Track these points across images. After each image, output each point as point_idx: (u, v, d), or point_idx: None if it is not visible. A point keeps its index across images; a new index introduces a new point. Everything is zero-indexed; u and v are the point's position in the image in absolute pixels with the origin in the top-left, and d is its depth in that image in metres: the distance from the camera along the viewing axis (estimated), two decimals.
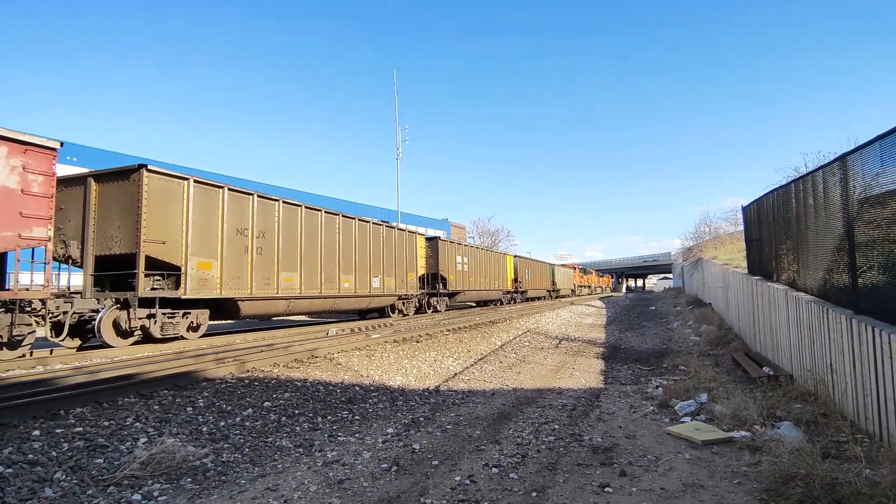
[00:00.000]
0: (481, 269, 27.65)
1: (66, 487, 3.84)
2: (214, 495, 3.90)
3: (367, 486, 4.00)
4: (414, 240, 20.86)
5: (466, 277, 25.51)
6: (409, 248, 20.28)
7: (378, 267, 17.69)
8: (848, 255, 5.30)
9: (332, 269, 15.14)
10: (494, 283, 29.62)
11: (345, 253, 15.84)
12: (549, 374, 10.04)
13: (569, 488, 3.89)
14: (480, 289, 27.24)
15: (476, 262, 26.84)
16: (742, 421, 5.40)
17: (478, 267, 27.14)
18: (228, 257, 11.55)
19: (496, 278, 30.03)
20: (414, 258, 20.52)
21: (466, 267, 25.48)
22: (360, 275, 16.47)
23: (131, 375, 6.54)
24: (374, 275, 17.44)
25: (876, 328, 4.40)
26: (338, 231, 15.58)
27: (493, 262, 30.12)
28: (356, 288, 16.26)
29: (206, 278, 11.00)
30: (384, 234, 18.30)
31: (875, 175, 4.71)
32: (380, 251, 17.97)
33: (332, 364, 8.84)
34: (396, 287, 18.85)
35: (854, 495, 3.24)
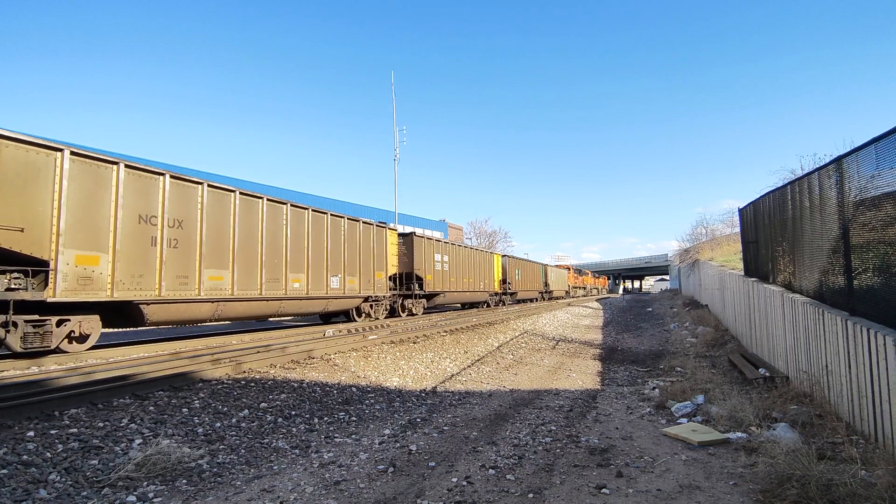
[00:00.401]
0: (464, 269, 25.53)
1: (60, 489, 3.82)
2: (210, 496, 3.88)
3: (364, 487, 3.99)
4: (383, 235, 18.41)
5: (447, 277, 23.25)
6: (378, 245, 17.92)
7: (338, 265, 15.47)
8: (843, 256, 5.32)
9: (276, 266, 12.93)
10: (479, 284, 27.53)
11: (295, 248, 13.66)
12: (547, 376, 10.05)
13: (566, 489, 3.89)
14: (463, 290, 25.23)
15: (458, 260, 24.73)
16: (738, 422, 5.41)
17: (460, 266, 24.97)
18: (125, 250, 9.38)
19: (481, 279, 27.91)
20: (383, 256, 18.25)
21: (447, 266, 23.23)
22: (314, 274, 14.30)
23: (127, 376, 6.50)
24: (333, 273, 15.19)
25: (871, 330, 4.41)
26: (285, 223, 13.34)
27: (478, 261, 27.88)
28: (309, 288, 14.03)
29: (90, 276, 8.86)
30: (346, 228, 16.08)
31: (870, 177, 4.73)
32: (340, 247, 15.68)
33: (328, 365, 8.82)
34: (361, 288, 16.53)
35: (849, 496, 3.25)
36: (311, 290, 14.17)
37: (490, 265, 29.75)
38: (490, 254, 30.44)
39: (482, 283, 28.06)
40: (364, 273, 16.93)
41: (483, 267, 28.50)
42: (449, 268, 23.64)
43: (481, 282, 27.90)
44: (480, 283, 27.76)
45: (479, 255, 28.40)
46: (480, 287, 27.72)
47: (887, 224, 4.37)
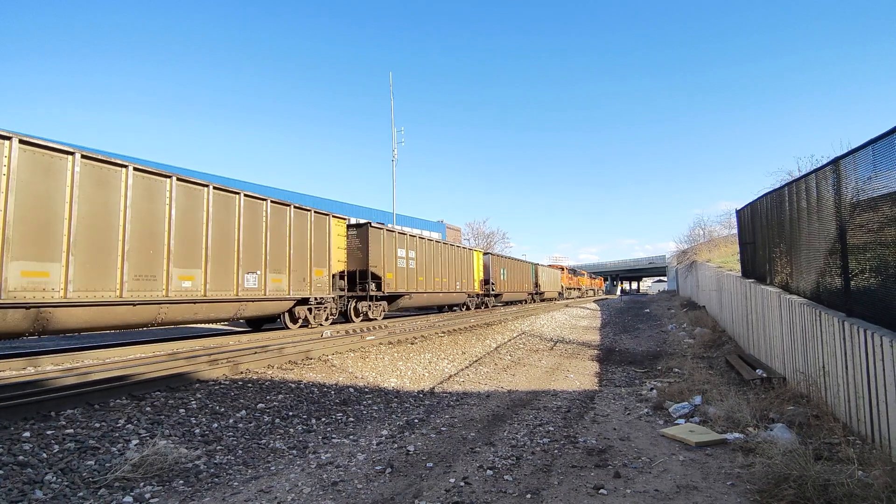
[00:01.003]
0: (436, 267, 22.47)
1: (56, 489, 3.81)
2: (207, 497, 3.87)
3: (361, 487, 3.98)
4: (325, 225, 15.27)
5: (413, 276, 20.20)
6: (318, 236, 14.79)
7: (255, 259, 12.35)
8: (840, 258, 5.34)
9: (151, 259, 9.86)
10: (455, 284, 24.47)
11: (185, 237, 10.60)
12: (544, 376, 10.05)
13: (563, 490, 3.88)
14: (435, 290, 22.24)
15: (428, 257, 21.73)
16: (735, 423, 5.42)
17: (431, 264, 21.96)
18: None
19: (458, 278, 24.90)
20: (325, 249, 15.14)
21: (413, 263, 20.25)
22: (217, 270, 11.21)
23: (123, 377, 6.49)
24: (249, 270, 12.13)
25: (868, 330, 4.43)
26: (168, 203, 10.31)
27: (454, 258, 24.69)
28: (208, 289, 10.89)
29: None
30: (269, 214, 12.87)
31: (867, 179, 4.75)
32: (259, 237, 12.55)
33: (326, 366, 8.81)
34: (292, 288, 13.59)
35: (846, 497, 3.26)
36: (210, 290, 11.02)
37: (469, 263, 26.75)
38: (469, 251, 27.20)
39: (459, 283, 25.07)
40: (297, 270, 13.83)
41: (460, 265, 25.52)
42: (417, 265, 20.61)
43: (458, 282, 24.94)
44: (457, 283, 24.79)
45: (455, 251, 25.12)
46: (457, 287, 24.78)
47: (884, 225, 4.38)
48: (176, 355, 9.04)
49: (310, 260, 14.50)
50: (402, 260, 19.57)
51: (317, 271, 14.85)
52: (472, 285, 26.98)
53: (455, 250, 25.38)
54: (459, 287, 25.21)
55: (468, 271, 26.58)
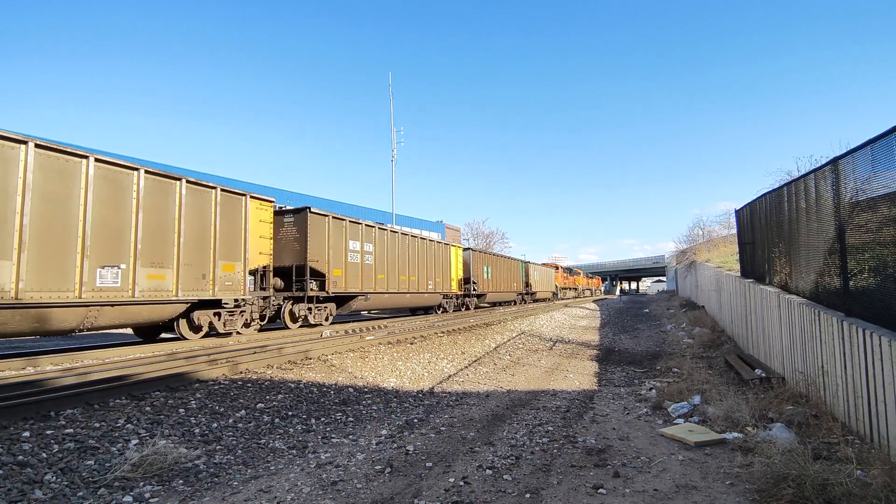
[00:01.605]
0: (402, 264, 19.52)
1: (56, 489, 3.81)
2: (207, 497, 3.87)
3: (361, 487, 3.98)
4: (240, 207, 12.20)
5: (370, 274, 17.22)
6: (227, 221, 11.73)
7: (117, 249, 9.36)
8: (839, 257, 5.34)
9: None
10: (427, 284, 21.45)
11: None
12: (544, 376, 10.06)
13: (563, 490, 3.89)
14: (400, 291, 19.24)
15: (391, 252, 18.76)
16: (734, 422, 5.43)
17: (395, 260, 19.02)
18: None
19: (431, 277, 21.99)
20: (239, 238, 12.10)
21: (371, 258, 17.32)
22: (43, 261, 8.20)
23: (123, 377, 6.49)
24: (106, 262, 9.14)
25: (867, 330, 4.44)
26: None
27: (427, 254, 21.73)
28: (22, 288, 7.88)
29: None
30: (142, 189, 9.87)
31: (866, 179, 4.76)
32: (122, 219, 9.50)
33: (325, 366, 8.81)
34: (182, 287, 10.44)
35: (845, 496, 3.26)
36: (30, 289, 7.98)
37: (445, 260, 23.78)
38: (445, 246, 24.25)
39: (432, 282, 22.04)
40: (192, 264, 10.79)
41: (434, 262, 22.49)
42: (375, 261, 17.57)
43: (430, 281, 21.84)
44: (428, 282, 21.65)
45: (426, 246, 21.88)
46: (428, 288, 21.65)
47: (883, 225, 4.39)
48: (175, 355, 9.04)
49: (214, 251, 11.34)
50: (356, 254, 16.51)
51: (226, 266, 11.67)
52: (449, 285, 24.09)
53: (427, 245, 22.09)
54: (433, 287, 22.13)
55: (444, 269, 23.58)
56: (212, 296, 11.29)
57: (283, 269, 14.39)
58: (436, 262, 22.70)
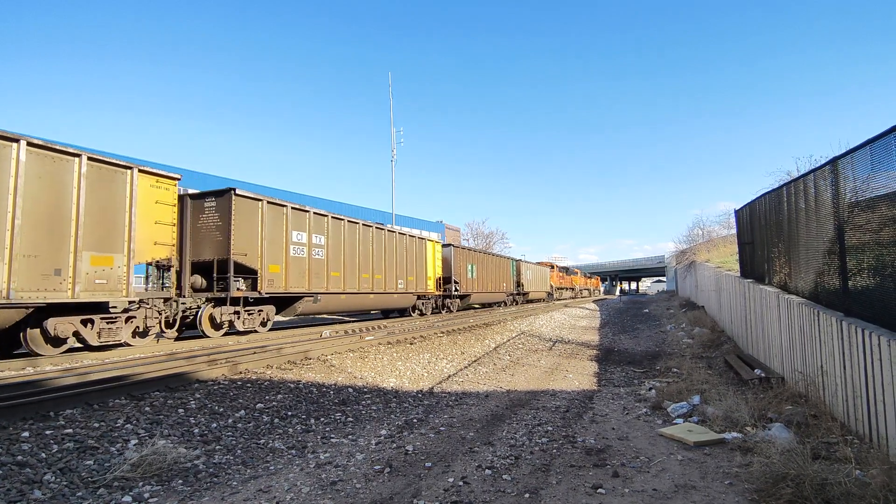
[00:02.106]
0: (364, 260, 16.75)
1: (55, 489, 3.81)
2: (206, 497, 3.87)
3: (360, 487, 3.98)
4: (122, 183, 9.75)
5: (321, 272, 14.58)
6: (98, 199, 9.30)
7: None
8: (839, 257, 5.35)
9: None
10: (396, 284, 18.88)
11: None
12: (543, 376, 10.06)
13: (562, 489, 3.89)
14: (361, 291, 16.42)
15: (349, 246, 15.98)
16: (734, 422, 5.43)
17: (354, 255, 16.24)
18: None
19: (402, 276, 19.42)
20: (120, 222, 9.66)
21: (322, 253, 14.73)
22: None
23: (122, 377, 6.49)
24: None
25: (866, 330, 4.44)
26: None
27: (397, 249, 19.08)
28: None
29: None
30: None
31: (865, 179, 4.76)
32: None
33: (325, 366, 8.81)
34: (17, 286, 7.96)
35: (844, 496, 3.26)
36: None
37: (420, 257, 21.15)
38: (420, 240, 21.54)
39: (403, 281, 19.48)
40: (39, 255, 8.35)
41: (406, 259, 19.88)
42: (328, 256, 14.98)
43: (400, 280, 19.34)
44: (398, 281, 19.14)
45: (395, 239, 19.16)
46: (399, 287, 19.08)
47: (882, 225, 4.39)
48: (175, 355, 9.04)
49: (75, 239, 8.82)
50: (301, 247, 13.92)
51: (97, 259, 9.17)
52: (425, 284, 21.46)
53: (397, 239, 19.35)
54: (403, 287, 19.50)
55: (419, 267, 21.02)
56: (71, 297, 8.68)
57: (204, 265, 11.99)
58: (408, 259, 20.13)
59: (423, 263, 21.45)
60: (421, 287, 21.04)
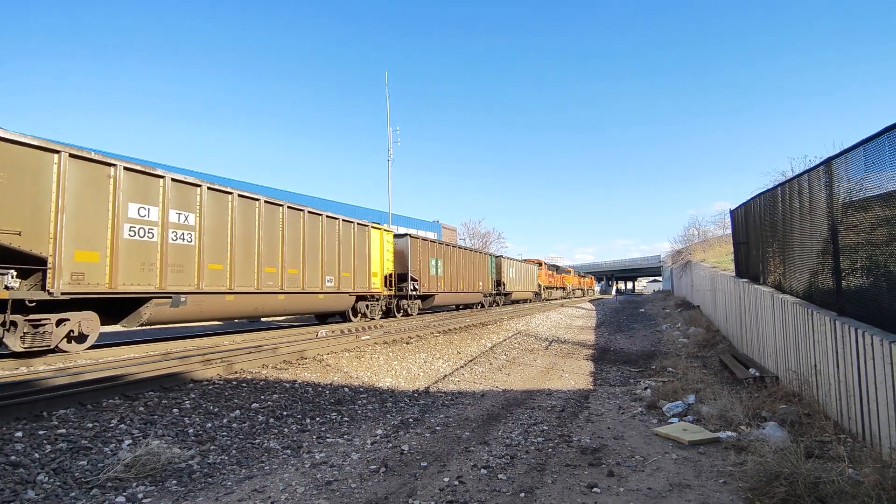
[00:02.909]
0: (269, 249, 12.69)
1: (48, 489, 3.78)
2: (200, 497, 3.86)
3: (356, 487, 3.98)
4: None
5: (187, 263, 10.57)
6: None
7: None
8: (832, 257, 5.38)
9: None
10: (322, 281, 14.67)
11: None
12: (539, 376, 10.07)
13: (557, 489, 3.90)
14: (259, 290, 12.32)
15: (245, 229, 12.00)
16: (728, 421, 5.46)
17: (252, 242, 12.19)
18: None
19: (331, 272, 15.15)
20: None
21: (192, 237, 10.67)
22: None
23: (116, 377, 6.45)
24: None
25: (859, 329, 4.46)
26: None
27: (325, 237, 14.89)
28: None
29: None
30: None
31: (859, 179, 4.79)
32: None
33: (321, 365, 8.80)
34: None
35: (837, 494, 3.28)
36: None
37: (362, 248, 17.00)
38: (361, 227, 17.07)
39: (333, 278, 15.22)
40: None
41: (338, 249, 15.59)
42: (201, 241, 10.82)
43: (330, 277, 15.05)
44: (326, 278, 14.86)
45: (321, 225, 14.82)
46: (326, 286, 14.85)
47: (876, 226, 4.42)
48: (169, 355, 9.00)
49: None
50: (149, 228, 9.74)
51: None
52: (368, 282, 17.26)
53: (324, 224, 14.90)
54: (334, 285, 15.30)
55: (359, 260, 16.74)
56: None
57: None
58: (342, 250, 15.81)
59: (365, 256, 17.26)
60: (362, 285, 16.88)
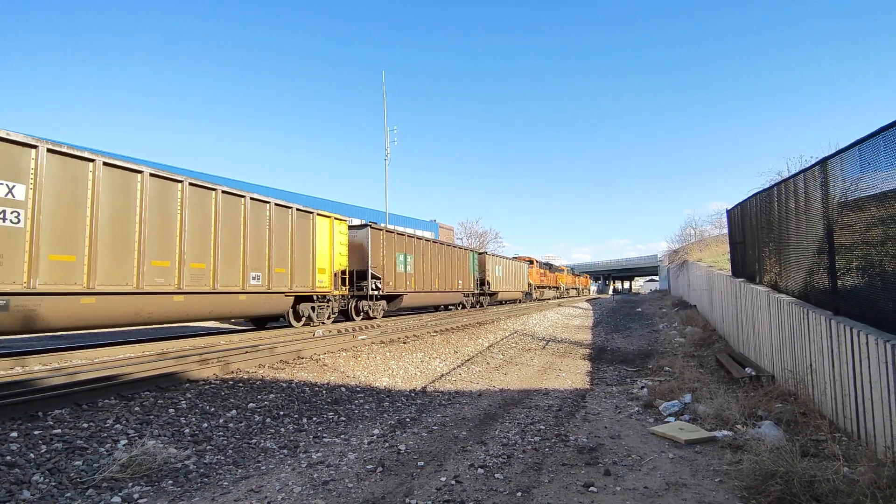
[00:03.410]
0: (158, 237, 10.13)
1: (44, 489, 3.77)
2: (196, 497, 3.85)
3: (352, 486, 3.97)
4: None
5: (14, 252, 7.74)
6: None
7: None
8: (828, 257, 5.40)
9: None
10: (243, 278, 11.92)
11: None
12: (536, 375, 10.08)
13: (554, 488, 3.90)
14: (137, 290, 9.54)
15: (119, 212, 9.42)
16: (724, 420, 5.47)
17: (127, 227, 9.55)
18: None
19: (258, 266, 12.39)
20: None
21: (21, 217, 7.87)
22: None
23: (112, 377, 6.43)
24: None
25: (854, 329, 4.48)
26: None
27: (248, 225, 12.16)
28: None
29: None
30: None
31: (855, 179, 4.81)
32: None
33: (318, 365, 8.78)
34: None
35: (832, 493, 3.30)
36: None
37: (306, 242, 14.09)
38: (302, 213, 14.10)
39: (260, 274, 12.43)
40: None
41: (269, 239, 12.74)
42: (35, 224, 8.07)
43: (256, 273, 12.28)
44: (250, 274, 12.09)
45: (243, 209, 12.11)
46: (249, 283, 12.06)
47: (870, 225, 4.44)
48: (165, 355, 8.97)
49: None
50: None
51: None
52: (311, 280, 14.27)
53: (246, 207, 12.12)
54: (263, 283, 12.42)
55: (300, 253, 13.82)
56: None
57: None
58: (275, 241, 12.75)
59: (308, 249, 14.16)
60: (303, 283, 13.79)
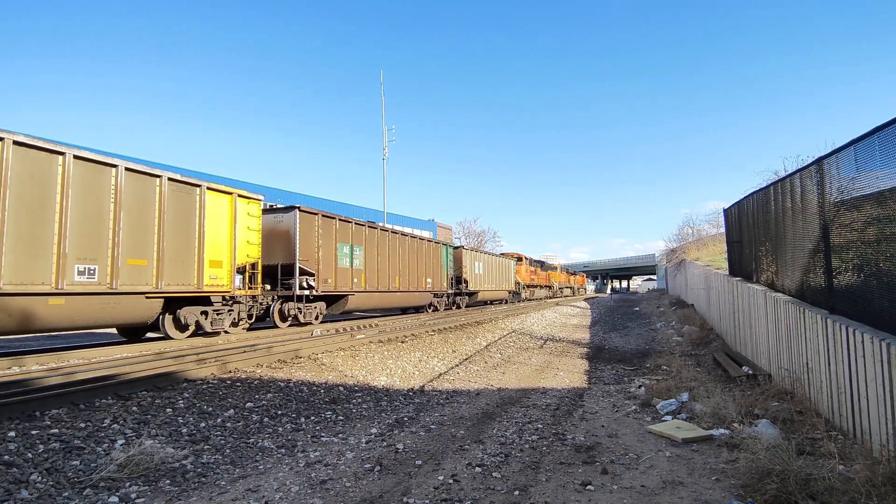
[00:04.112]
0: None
1: (41, 489, 3.76)
2: (194, 497, 3.84)
3: (350, 486, 3.98)
4: None
5: None
6: None
7: None
8: (824, 256, 5.42)
9: None
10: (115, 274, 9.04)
11: None
12: (534, 374, 10.09)
13: (551, 487, 3.91)
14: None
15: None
16: (721, 419, 5.49)
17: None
18: None
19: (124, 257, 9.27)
20: None
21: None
22: None
23: (109, 376, 6.42)
24: None
25: (850, 327, 4.50)
26: None
27: (112, 204, 9.12)
28: None
29: None
30: None
31: (850, 179, 4.83)
32: None
33: (316, 364, 8.78)
34: None
35: (828, 490, 3.31)
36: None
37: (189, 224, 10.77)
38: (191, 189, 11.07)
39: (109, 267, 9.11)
40: None
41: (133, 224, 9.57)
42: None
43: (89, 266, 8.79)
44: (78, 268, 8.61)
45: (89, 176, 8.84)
46: (79, 281, 8.63)
47: (866, 225, 4.46)
48: (163, 355, 8.95)
49: None
50: None
51: None
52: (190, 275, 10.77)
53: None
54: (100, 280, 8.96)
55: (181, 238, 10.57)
56: None
57: None
58: (129, 222, 9.55)
59: (193, 235, 10.87)
60: (184, 280, 10.60)
